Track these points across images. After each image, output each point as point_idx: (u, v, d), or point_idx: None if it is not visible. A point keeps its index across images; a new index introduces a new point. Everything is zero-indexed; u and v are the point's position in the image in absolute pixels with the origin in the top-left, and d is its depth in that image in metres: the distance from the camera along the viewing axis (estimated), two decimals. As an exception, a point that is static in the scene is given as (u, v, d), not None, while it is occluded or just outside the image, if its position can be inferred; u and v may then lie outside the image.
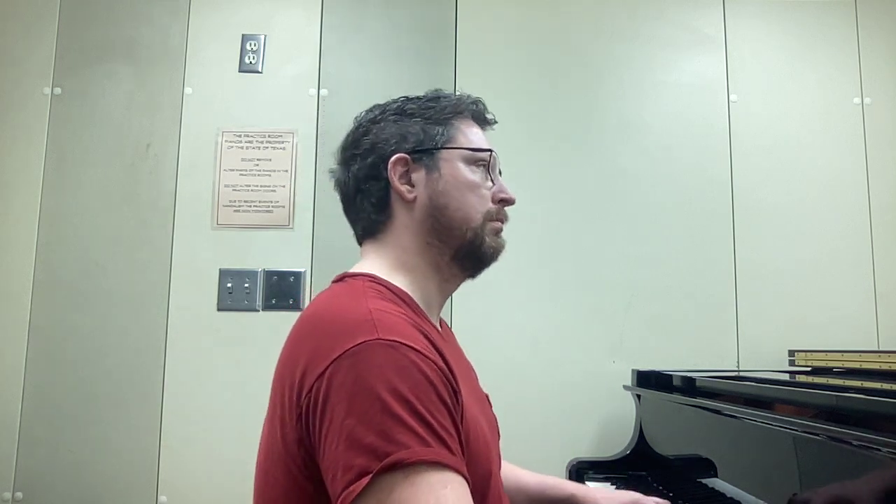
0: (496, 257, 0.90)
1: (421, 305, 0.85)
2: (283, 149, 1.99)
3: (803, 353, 1.74)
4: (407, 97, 0.91)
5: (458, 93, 0.94)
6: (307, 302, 1.94)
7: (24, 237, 1.94)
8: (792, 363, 1.79)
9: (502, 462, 0.96)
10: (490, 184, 0.89)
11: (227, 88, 2.02)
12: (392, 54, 2.07)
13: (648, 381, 1.67)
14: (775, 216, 2.01)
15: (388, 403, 0.64)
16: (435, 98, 0.91)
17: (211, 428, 1.88)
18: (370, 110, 0.93)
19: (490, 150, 0.91)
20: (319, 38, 2.06)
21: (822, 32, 2.09)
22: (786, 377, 1.54)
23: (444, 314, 1.91)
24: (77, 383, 1.89)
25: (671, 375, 1.58)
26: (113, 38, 2.03)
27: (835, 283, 1.97)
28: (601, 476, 1.65)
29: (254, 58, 2.03)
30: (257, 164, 1.99)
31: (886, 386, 1.17)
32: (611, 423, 1.90)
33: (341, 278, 0.88)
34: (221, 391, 1.89)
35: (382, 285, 0.82)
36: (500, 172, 0.93)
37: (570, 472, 1.68)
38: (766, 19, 2.10)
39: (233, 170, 1.99)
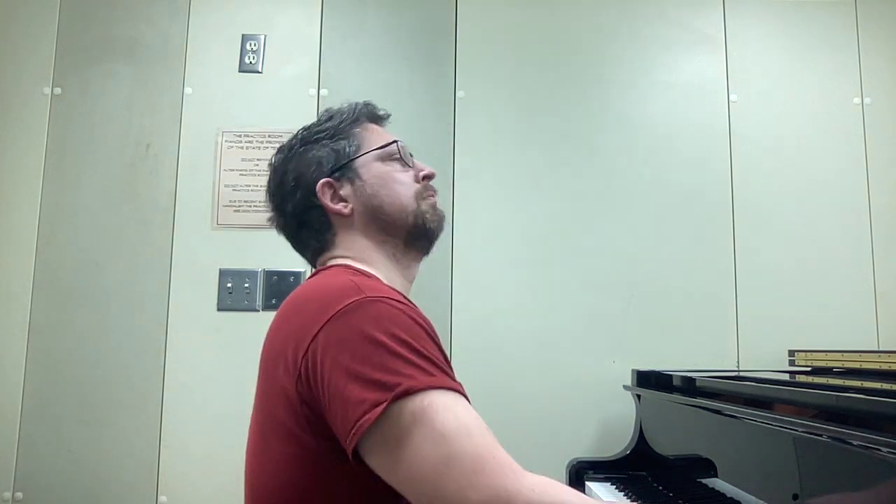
0: (441, 227, 0.96)
1: None
2: (283, 149, 1.99)
3: (803, 353, 1.74)
4: (304, 127, 0.97)
5: (346, 104, 1.00)
6: (307, 302, 1.93)
7: (24, 237, 1.94)
8: (792, 363, 1.78)
9: None
10: (409, 169, 0.96)
11: (227, 88, 2.02)
12: (392, 54, 2.07)
13: (648, 381, 1.67)
14: (775, 216, 2.01)
15: (387, 344, 0.69)
16: (329, 118, 0.97)
17: (211, 428, 1.87)
18: (279, 152, 0.97)
19: (395, 141, 0.97)
20: (319, 38, 2.06)
21: (822, 32, 2.09)
22: (786, 377, 1.54)
23: (444, 314, 1.92)
24: (77, 383, 1.89)
25: (671, 375, 1.58)
26: (113, 38, 2.03)
27: (835, 283, 1.97)
28: (601, 476, 1.65)
29: (254, 58, 2.03)
30: (257, 164, 1.99)
31: (886, 386, 1.16)
32: (611, 423, 1.90)
33: (316, 272, 0.93)
34: (221, 391, 1.89)
35: (357, 270, 0.87)
36: (411, 155, 0.99)
37: (570, 471, 1.68)
38: (766, 19, 2.10)
39: (233, 170, 1.99)
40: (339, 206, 0.91)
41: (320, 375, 0.71)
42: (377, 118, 1.01)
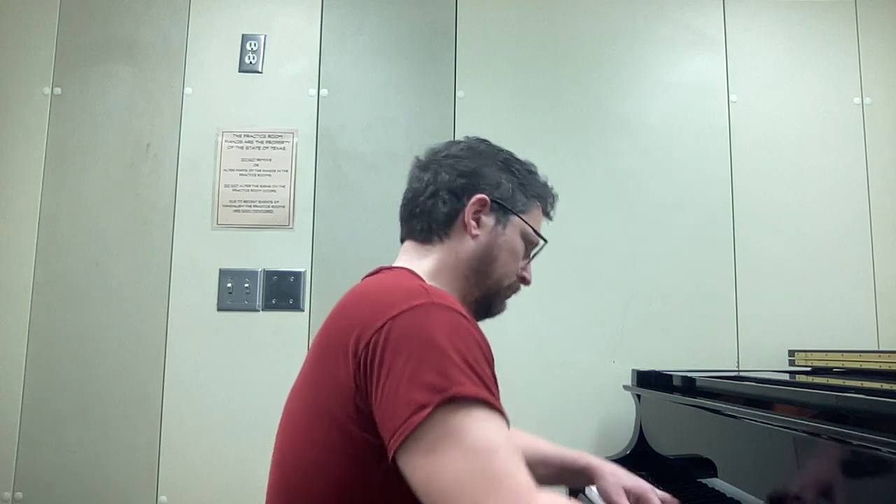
0: (496, 315, 1.03)
1: None
2: (283, 149, 1.99)
3: (803, 353, 1.74)
4: (514, 155, 1.01)
5: (546, 180, 1.04)
6: (307, 302, 1.93)
7: (24, 237, 1.94)
8: (792, 363, 1.79)
9: (523, 434, 1.17)
10: (525, 261, 1.02)
11: (227, 88, 2.02)
12: (392, 54, 2.07)
13: (648, 381, 1.67)
14: (775, 216, 2.01)
15: (445, 350, 0.70)
16: (532, 172, 1.02)
17: (211, 428, 1.87)
18: (480, 140, 1.02)
19: (545, 241, 1.03)
20: (319, 38, 2.06)
21: (822, 32, 2.09)
22: (786, 377, 1.54)
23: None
24: (77, 383, 1.89)
25: (671, 375, 1.58)
26: (113, 38, 2.03)
27: (835, 283, 1.97)
28: (601, 476, 1.64)
29: (254, 58, 2.03)
30: (257, 164, 1.99)
31: (886, 386, 1.17)
32: (611, 423, 1.90)
33: (378, 270, 0.93)
34: (221, 391, 1.89)
35: (425, 280, 0.89)
36: (532, 257, 1.04)
37: (570, 472, 1.67)
38: (766, 19, 2.10)
39: (233, 170, 1.99)
40: (473, 223, 0.94)
41: (377, 369, 0.72)
42: (548, 214, 1.05)
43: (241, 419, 1.86)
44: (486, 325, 2.06)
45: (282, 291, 1.93)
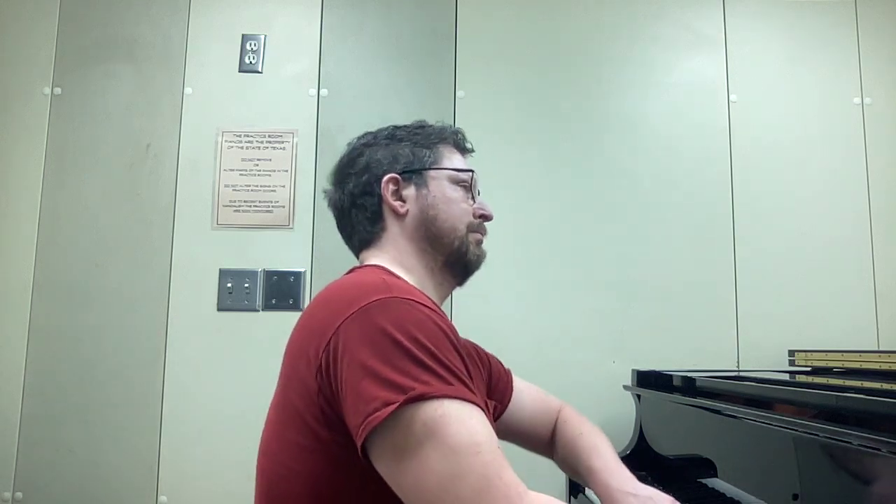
0: (479, 264, 1.00)
1: None
2: (283, 149, 1.99)
3: (803, 353, 1.74)
4: (395, 125, 1.01)
5: (440, 124, 1.03)
6: (307, 302, 1.94)
7: (24, 237, 1.94)
8: (792, 363, 1.79)
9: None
10: (471, 201, 0.99)
11: (227, 88, 2.02)
12: (392, 54, 2.07)
13: (648, 381, 1.67)
14: (775, 216, 2.01)
15: (407, 347, 0.69)
16: (421, 126, 1.00)
17: (211, 428, 1.87)
18: (362, 136, 1.01)
19: (471, 171, 1.00)
20: (319, 38, 2.06)
21: (821, 32, 2.09)
22: (786, 377, 1.54)
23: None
24: (77, 383, 1.89)
25: (671, 375, 1.58)
26: (113, 38, 2.03)
27: (835, 283, 1.97)
28: (601, 476, 1.64)
29: (254, 58, 2.03)
30: (257, 164, 1.99)
31: (886, 386, 1.17)
32: (611, 423, 1.90)
33: (350, 271, 0.94)
34: (221, 391, 1.89)
35: (390, 272, 0.89)
36: (479, 192, 1.02)
37: (570, 472, 1.67)
38: (766, 19, 2.10)
39: (233, 170, 1.99)
40: (397, 204, 0.94)
41: (339, 368, 0.71)
42: (462, 148, 1.03)
43: (241, 419, 1.86)
44: (485, 325, 2.06)
45: (282, 291, 1.93)
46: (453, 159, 0.99)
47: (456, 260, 0.96)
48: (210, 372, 1.90)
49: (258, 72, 2.03)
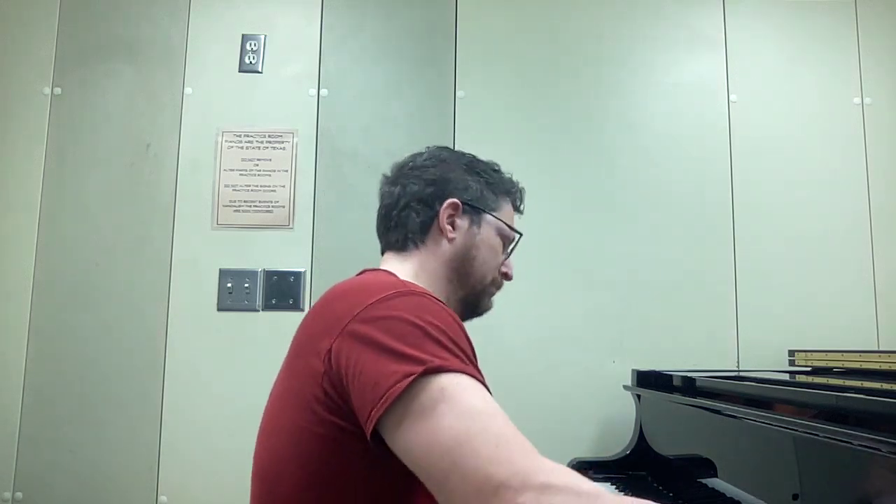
0: (483, 314, 1.06)
1: None
2: (283, 149, 1.99)
3: (803, 353, 1.74)
4: (475, 157, 1.05)
5: (511, 175, 1.08)
6: (307, 302, 1.93)
7: (24, 237, 1.94)
8: (792, 363, 1.79)
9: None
10: (504, 256, 1.04)
11: (227, 88, 2.02)
12: (392, 54, 2.07)
13: (648, 381, 1.67)
14: (775, 216, 2.01)
15: (426, 329, 0.71)
16: (496, 170, 1.05)
17: (211, 428, 1.88)
18: (441, 147, 1.05)
19: (521, 234, 1.06)
20: (319, 38, 2.06)
21: (821, 32, 2.09)
22: (786, 377, 1.54)
23: (444, 314, 1.92)
24: (77, 383, 1.89)
25: (671, 375, 1.58)
26: (113, 38, 2.03)
27: (835, 283, 1.97)
28: (601, 476, 1.65)
29: (254, 58, 2.03)
30: (257, 164, 1.99)
31: (886, 386, 1.17)
32: (611, 423, 1.90)
33: (361, 272, 0.95)
34: (221, 391, 1.89)
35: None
36: (511, 252, 1.07)
37: (570, 472, 1.67)
38: (766, 19, 2.10)
39: (233, 170, 1.99)
40: (448, 227, 0.97)
41: (353, 353, 0.72)
42: (517, 207, 1.08)
43: (241, 419, 1.86)
44: (486, 326, 2.06)
45: (282, 291, 1.93)
46: (508, 214, 1.04)
47: (471, 301, 1.01)
48: (210, 372, 1.90)
49: (258, 72, 2.03)
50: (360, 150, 2.01)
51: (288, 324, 2.05)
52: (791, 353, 1.80)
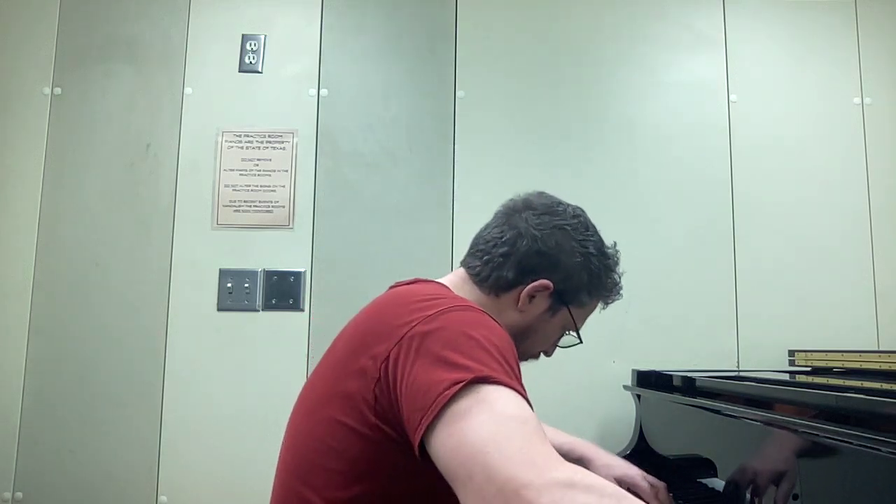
0: None
1: None
2: (283, 149, 1.99)
3: (803, 353, 1.74)
4: (604, 245, 1.02)
5: (619, 278, 1.05)
6: (307, 302, 1.93)
7: (24, 237, 1.94)
8: (792, 363, 1.78)
9: None
10: (552, 347, 1.07)
11: (227, 88, 2.02)
12: (392, 54, 2.07)
13: (648, 381, 1.67)
14: (775, 216, 2.01)
15: (480, 342, 0.73)
16: (611, 269, 1.03)
17: (211, 428, 1.87)
18: (577, 215, 1.01)
19: (581, 342, 1.05)
20: (319, 38, 2.06)
21: (821, 32, 2.09)
22: (786, 377, 1.54)
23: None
24: (77, 383, 1.89)
25: (671, 375, 1.58)
26: (113, 38, 2.03)
27: (835, 283, 1.97)
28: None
29: (254, 58, 2.03)
30: (257, 164, 1.99)
31: (886, 386, 1.17)
32: (611, 423, 1.90)
33: (413, 281, 0.96)
34: (221, 391, 1.89)
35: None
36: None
37: (570, 472, 1.67)
38: (766, 19, 2.10)
39: (233, 170, 1.99)
40: (525, 299, 0.97)
41: (408, 363, 0.73)
42: (606, 305, 1.07)
43: (241, 419, 1.86)
44: (486, 325, 2.02)
45: (282, 291, 1.93)
46: (589, 310, 1.04)
47: None
48: (210, 372, 1.90)
49: (258, 72, 2.03)
50: (360, 150, 2.01)
51: (288, 324, 2.07)
52: (791, 353, 1.80)
